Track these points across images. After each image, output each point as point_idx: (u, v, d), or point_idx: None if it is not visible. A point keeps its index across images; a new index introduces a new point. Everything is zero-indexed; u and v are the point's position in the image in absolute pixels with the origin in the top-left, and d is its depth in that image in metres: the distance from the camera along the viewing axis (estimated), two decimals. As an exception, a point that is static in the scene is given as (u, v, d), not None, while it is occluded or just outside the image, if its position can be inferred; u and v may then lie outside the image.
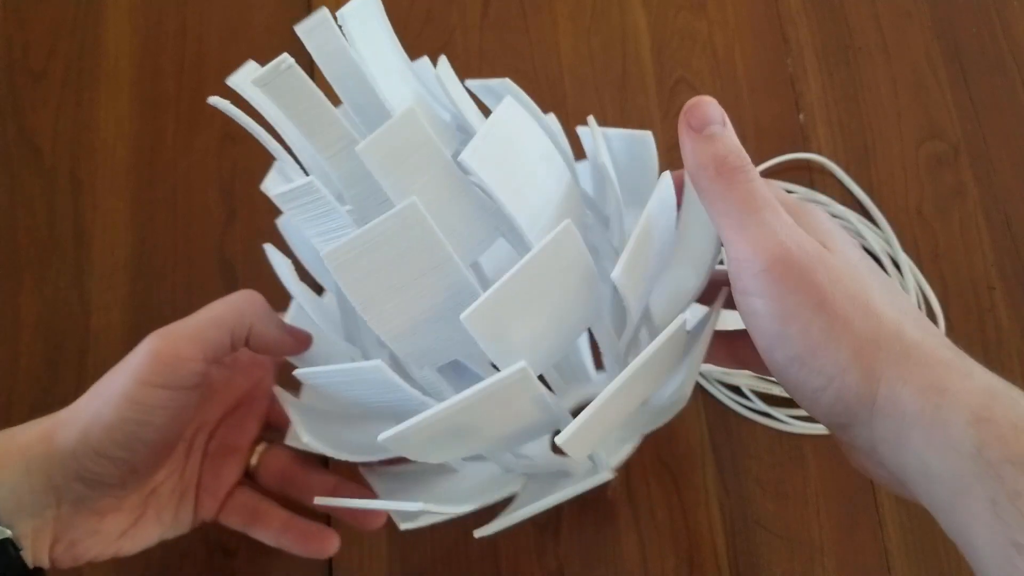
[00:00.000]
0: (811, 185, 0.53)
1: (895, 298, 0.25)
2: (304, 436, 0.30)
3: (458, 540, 0.46)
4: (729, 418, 0.49)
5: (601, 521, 0.47)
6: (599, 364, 0.45)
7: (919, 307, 0.50)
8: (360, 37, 0.28)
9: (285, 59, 0.26)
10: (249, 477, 0.37)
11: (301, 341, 0.32)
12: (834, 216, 0.51)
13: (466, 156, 0.23)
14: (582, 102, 0.54)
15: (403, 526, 0.31)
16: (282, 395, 0.33)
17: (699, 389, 0.49)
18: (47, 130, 0.53)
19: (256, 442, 0.37)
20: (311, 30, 0.28)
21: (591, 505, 0.47)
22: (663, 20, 0.56)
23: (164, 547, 0.45)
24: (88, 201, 0.51)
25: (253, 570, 0.45)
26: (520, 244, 0.26)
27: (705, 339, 0.29)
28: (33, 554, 0.28)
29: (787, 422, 0.48)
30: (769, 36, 0.56)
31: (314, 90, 0.27)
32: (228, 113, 0.29)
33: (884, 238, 0.51)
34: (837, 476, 0.48)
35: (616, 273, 0.24)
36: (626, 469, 0.47)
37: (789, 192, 0.52)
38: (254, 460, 0.37)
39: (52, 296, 0.50)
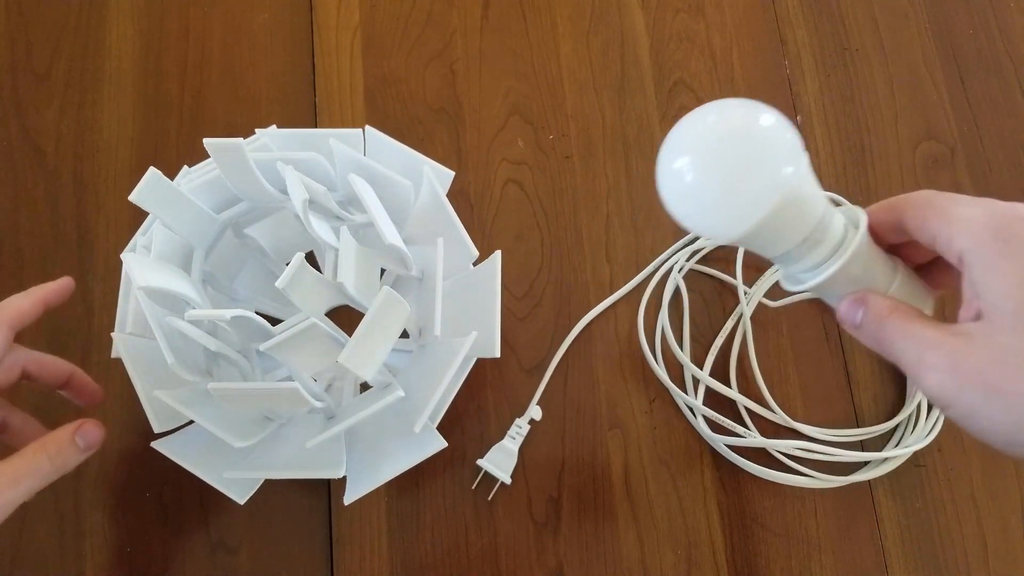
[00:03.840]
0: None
1: None
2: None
3: (458, 540, 0.46)
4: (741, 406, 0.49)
5: (600, 519, 0.47)
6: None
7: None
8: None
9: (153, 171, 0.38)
10: None
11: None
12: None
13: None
14: (581, 104, 0.55)
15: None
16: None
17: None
18: (50, 131, 0.53)
19: None
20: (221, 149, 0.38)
21: (590, 504, 0.47)
22: (661, 22, 0.57)
23: (166, 545, 0.46)
24: (91, 202, 0.52)
25: (255, 567, 0.46)
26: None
27: (489, 294, 0.41)
28: None
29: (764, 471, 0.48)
30: (766, 38, 0.57)
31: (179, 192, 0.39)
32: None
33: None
34: (834, 475, 0.48)
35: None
36: (625, 468, 0.48)
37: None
38: None
39: (55, 296, 0.50)
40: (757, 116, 0.27)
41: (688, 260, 0.51)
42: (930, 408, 0.49)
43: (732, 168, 0.26)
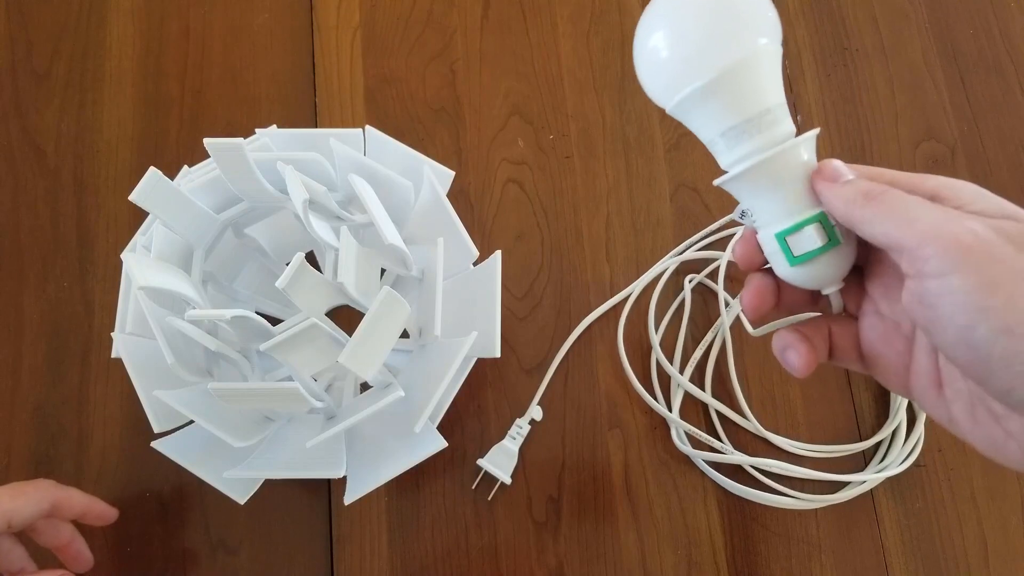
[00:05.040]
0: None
1: None
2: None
3: (458, 540, 0.46)
4: (726, 419, 0.49)
5: (600, 519, 0.47)
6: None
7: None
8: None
9: (153, 171, 0.38)
10: None
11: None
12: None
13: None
14: (581, 103, 0.55)
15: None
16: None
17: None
18: (50, 131, 0.53)
19: None
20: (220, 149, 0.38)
21: (590, 504, 0.47)
22: (662, 22, 0.57)
23: (166, 545, 0.46)
24: (91, 202, 0.52)
25: (255, 568, 0.46)
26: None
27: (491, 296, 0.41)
28: None
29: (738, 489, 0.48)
30: (767, 38, 0.57)
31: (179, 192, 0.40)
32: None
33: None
34: (835, 475, 0.48)
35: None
36: (625, 468, 0.48)
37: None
38: None
39: (55, 296, 0.50)
40: None
41: (691, 271, 0.51)
42: (909, 429, 0.48)
43: (708, 20, 0.27)
